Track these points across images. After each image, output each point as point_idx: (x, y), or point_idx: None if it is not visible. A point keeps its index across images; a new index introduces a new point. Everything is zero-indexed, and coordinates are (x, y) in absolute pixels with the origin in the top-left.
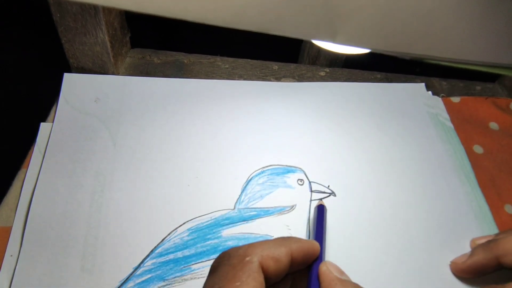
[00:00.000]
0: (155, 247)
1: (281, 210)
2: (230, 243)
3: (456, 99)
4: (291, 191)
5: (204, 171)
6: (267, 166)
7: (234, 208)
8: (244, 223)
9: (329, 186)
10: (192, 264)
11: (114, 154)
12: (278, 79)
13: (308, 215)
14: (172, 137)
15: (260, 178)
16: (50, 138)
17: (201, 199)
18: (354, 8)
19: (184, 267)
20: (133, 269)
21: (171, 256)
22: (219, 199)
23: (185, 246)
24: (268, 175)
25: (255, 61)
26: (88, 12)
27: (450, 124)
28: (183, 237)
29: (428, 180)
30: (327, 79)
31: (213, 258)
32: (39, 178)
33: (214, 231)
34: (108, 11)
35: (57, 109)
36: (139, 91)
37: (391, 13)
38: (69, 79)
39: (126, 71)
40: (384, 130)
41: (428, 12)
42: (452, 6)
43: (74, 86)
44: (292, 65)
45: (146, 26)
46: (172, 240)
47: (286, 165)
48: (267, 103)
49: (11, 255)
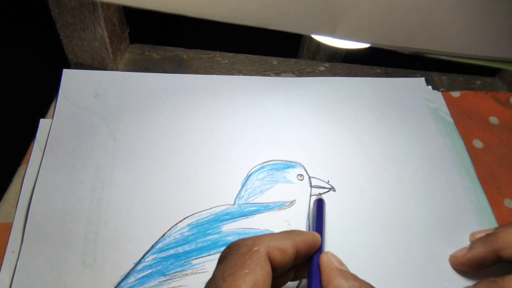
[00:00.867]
0: (156, 243)
1: (281, 205)
2: (230, 238)
3: (456, 94)
4: (291, 186)
5: (204, 167)
6: (267, 161)
7: (234, 204)
8: (244, 218)
9: (329, 181)
10: (193, 259)
11: (114, 150)
12: (278, 74)
13: (308, 210)
14: (172, 133)
15: (260, 174)
16: (50, 134)
17: (201, 195)
18: (354, 3)
19: (185, 262)
20: (134, 265)
21: (172, 251)
22: (219, 195)
23: (186, 242)
24: (268, 170)
25: (255, 56)
26: (87, 8)
27: (450, 119)
28: (184, 233)
29: (428, 175)
30: (327, 74)
31: (214, 253)
32: (39, 175)
33: (215, 227)
34: (107, 6)
35: (57, 105)
36: (139, 87)
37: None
38: (68, 75)
39: (125, 67)
40: (384, 125)
41: (428, 6)
42: (452, 0)
43: (73, 82)
44: (292, 60)
45: (145, 22)
46: (173, 236)
47: (286, 160)
48: (267, 98)
49: (12, 251)
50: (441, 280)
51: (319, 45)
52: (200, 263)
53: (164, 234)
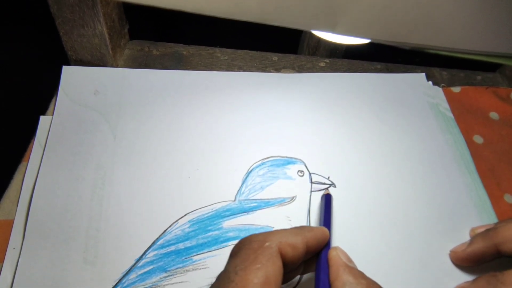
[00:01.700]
0: (157, 239)
1: (282, 201)
2: (231, 235)
3: (457, 89)
4: (292, 183)
5: (205, 163)
6: (268, 158)
7: (235, 200)
8: (245, 215)
9: (329, 177)
10: (194, 255)
11: (114, 147)
12: (278, 70)
13: (308, 206)
14: (172, 129)
15: (261, 170)
16: (50, 131)
17: (202, 191)
18: None
19: (186, 258)
20: (135, 261)
21: (173, 248)
22: (220, 191)
23: (187, 238)
24: (269, 167)
25: (255, 52)
26: (86, 4)
27: (450, 114)
28: (185, 229)
29: (428, 170)
30: (327, 70)
31: (215, 249)
32: (40, 171)
33: (215, 223)
34: (106, 2)
35: (57, 102)
36: (138, 83)
37: (391, 3)
38: (68, 72)
39: (125, 63)
40: (384, 121)
41: (428, 2)
42: None
43: (73, 79)
44: (292, 56)
45: (145, 18)
46: (174, 232)
47: (287, 157)
48: (267, 95)
49: (14, 248)
50: (441, 275)
51: (319, 41)
52: (201, 259)
53: (165, 231)
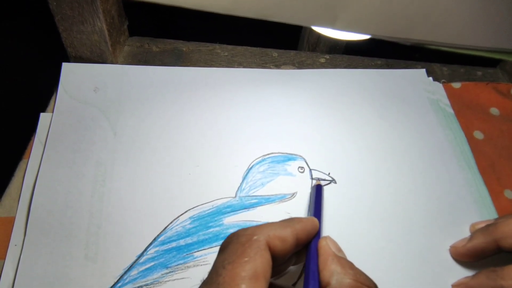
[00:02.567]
0: (158, 235)
1: (282, 198)
2: (232, 231)
3: (457, 85)
4: (292, 179)
5: (205, 160)
6: (268, 154)
7: (236, 196)
8: (246, 211)
9: (330, 174)
10: (195, 252)
11: (115, 144)
12: (278, 67)
13: (308, 208)
14: (172, 126)
15: (261, 166)
16: (50, 128)
17: (203, 188)
18: None
19: (187, 255)
20: (136, 257)
21: (174, 244)
22: (221, 188)
23: (188, 234)
24: (269, 163)
25: (255, 49)
26: (85, 0)
27: (451, 110)
28: (185, 225)
29: (428, 166)
30: (327, 66)
31: (215, 246)
32: (41, 169)
33: (216, 219)
34: None
35: (57, 99)
36: (138, 80)
37: None
38: (68, 69)
39: (125, 60)
40: (385, 117)
41: None
42: None
43: (73, 76)
44: (292, 52)
45: (144, 14)
46: (175, 229)
47: (287, 153)
48: (267, 91)
49: (16, 245)
50: (441, 271)
51: (319, 37)
52: (202, 256)
53: (166, 227)
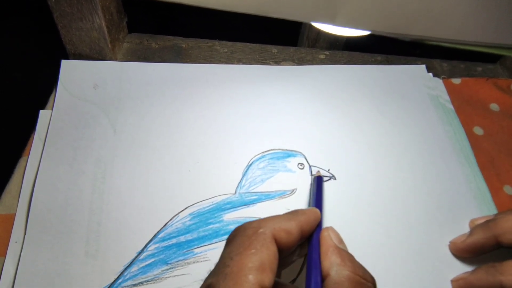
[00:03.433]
0: (158, 232)
1: (282, 194)
2: (232, 227)
3: (457, 81)
4: (292, 175)
5: (205, 156)
6: (268, 151)
7: (235, 193)
8: (245, 207)
9: (329, 170)
10: (195, 248)
11: (114, 141)
12: (278, 63)
13: (309, 199)
14: (172, 123)
15: (261, 163)
16: (50, 126)
17: (202, 184)
18: None
19: (187, 251)
20: (137, 254)
21: (174, 241)
22: (220, 184)
23: (187, 231)
24: (269, 160)
25: (254, 45)
26: None
27: (451, 106)
28: (185, 222)
29: (428, 162)
30: (327, 62)
31: (215, 242)
32: (41, 166)
33: (216, 216)
34: None
35: (56, 96)
36: (138, 77)
37: None
38: (67, 66)
39: (124, 57)
40: (385, 113)
41: None
42: None
43: (72, 73)
44: (292, 48)
45: (143, 11)
46: (175, 225)
47: (287, 149)
48: (267, 87)
49: (16, 242)
50: (441, 266)
51: (319, 33)
52: (202, 252)
53: (166, 224)
